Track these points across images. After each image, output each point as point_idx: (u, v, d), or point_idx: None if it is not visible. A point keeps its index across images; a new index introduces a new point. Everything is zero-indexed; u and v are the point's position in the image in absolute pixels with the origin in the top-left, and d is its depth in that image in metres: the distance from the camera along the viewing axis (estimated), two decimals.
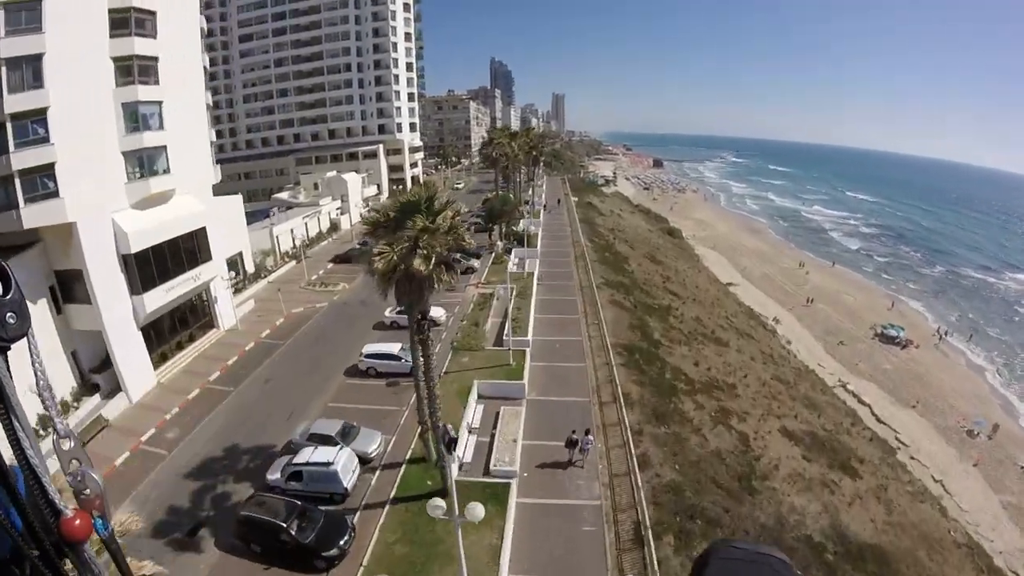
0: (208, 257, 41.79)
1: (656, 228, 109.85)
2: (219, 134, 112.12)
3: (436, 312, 40.80)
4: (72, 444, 1.41)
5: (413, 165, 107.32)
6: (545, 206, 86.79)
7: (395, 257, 18.76)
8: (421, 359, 22.23)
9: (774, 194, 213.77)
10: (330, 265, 62.20)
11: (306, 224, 71.22)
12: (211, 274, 42.03)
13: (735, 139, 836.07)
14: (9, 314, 1.22)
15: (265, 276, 56.96)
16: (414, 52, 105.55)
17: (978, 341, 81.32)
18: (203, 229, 41.26)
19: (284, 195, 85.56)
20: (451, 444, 19.82)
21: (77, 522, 1.32)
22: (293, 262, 62.78)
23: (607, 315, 44.46)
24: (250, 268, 56.34)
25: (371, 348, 34.71)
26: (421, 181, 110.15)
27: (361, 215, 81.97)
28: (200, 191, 42.70)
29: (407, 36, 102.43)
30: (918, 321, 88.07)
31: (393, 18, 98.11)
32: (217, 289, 43.32)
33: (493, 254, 58.98)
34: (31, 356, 1.33)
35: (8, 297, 1.23)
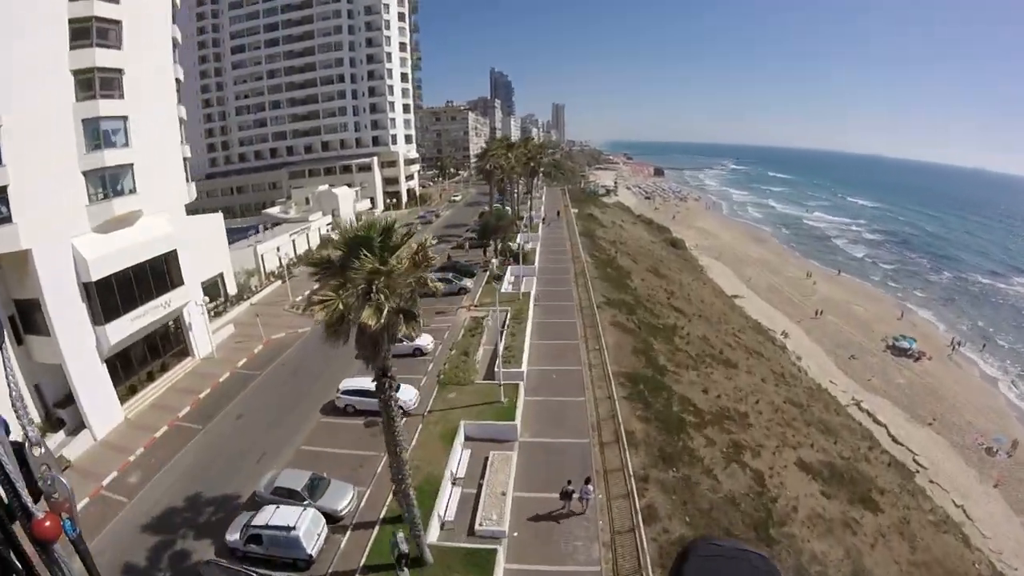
0: (180, 282, 39.03)
1: (659, 239, 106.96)
2: (211, 147, 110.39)
3: (423, 341, 37.98)
4: (42, 451, 1.50)
5: (409, 178, 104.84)
6: (544, 219, 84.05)
7: (340, 305, 15.52)
8: (386, 425, 18.92)
9: (776, 201, 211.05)
10: (316, 285, 59.24)
11: (293, 241, 68.45)
12: (183, 300, 39.27)
13: (735, 147, 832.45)
14: None
15: (248, 298, 54.10)
16: (410, 63, 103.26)
17: (991, 351, 78.50)
18: (174, 252, 38.56)
19: (275, 210, 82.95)
20: (401, 559, 17.97)
21: (47, 523, 1.40)
22: (279, 282, 59.98)
23: (609, 339, 41.51)
24: (232, 290, 53.47)
25: (349, 383, 31.71)
26: (417, 194, 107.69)
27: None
28: (172, 211, 39.99)
29: (402, 46, 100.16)
30: (929, 331, 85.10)
31: (387, 28, 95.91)
32: (192, 315, 40.52)
33: (488, 272, 56.02)
34: (3, 367, 1.43)
35: None
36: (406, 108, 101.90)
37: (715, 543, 1.95)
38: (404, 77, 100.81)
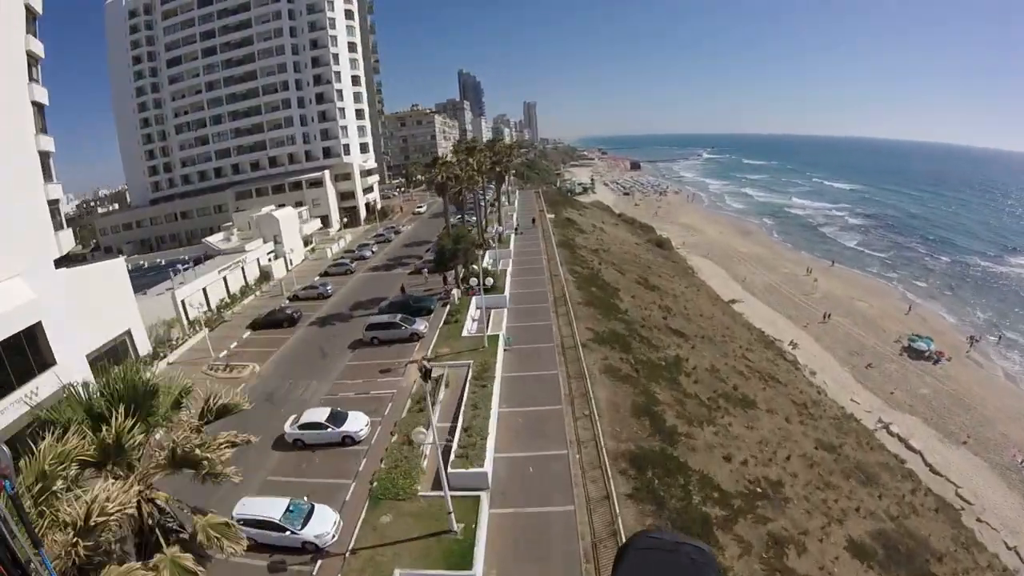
0: (50, 361, 29.07)
1: (644, 240, 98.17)
2: (153, 170, 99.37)
3: (355, 424, 28.26)
4: None
5: (368, 190, 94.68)
6: (517, 229, 74.52)
7: None
8: None
9: (754, 189, 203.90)
10: (247, 334, 49.31)
11: (224, 279, 58.22)
12: (57, 385, 29.20)
13: (708, 136, 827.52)
14: None
15: (165, 356, 43.91)
16: (361, 64, 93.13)
17: (1008, 344, 71.83)
18: (38, 325, 28.57)
19: (216, 238, 72.47)
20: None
21: None
22: (206, 331, 50.02)
23: (601, 394, 32.20)
24: (145, 348, 43.12)
25: (245, 509, 21.84)
26: (378, 207, 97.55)
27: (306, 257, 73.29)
28: (34, 271, 29.84)
29: (351, 46, 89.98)
30: (940, 325, 77.86)
31: (332, 27, 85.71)
32: None
33: (448, 307, 46.41)
34: None
35: None
36: (360, 114, 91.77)
37: (653, 536, 1.85)
38: (356, 80, 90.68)
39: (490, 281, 42.42)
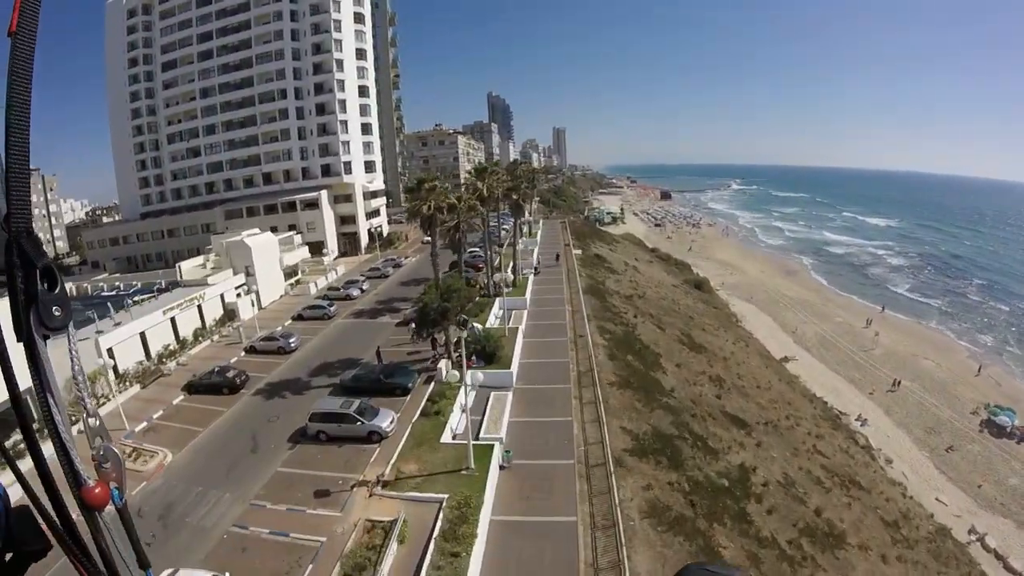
0: None
1: (680, 281, 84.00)
2: (144, 182, 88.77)
3: None
4: (97, 423, 1.53)
5: (373, 214, 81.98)
6: (537, 268, 61.07)
7: None
8: None
9: (788, 224, 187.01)
10: (179, 398, 36.73)
11: (173, 320, 45.90)
12: None
13: (735, 166, 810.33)
14: (55, 307, 1.35)
15: (75, 422, 31.01)
16: (371, 74, 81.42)
17: None
18: None
19: (192, 264, 60.43)
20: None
21: (97, 491, 1.42)
22: (136, 387, 37.74)
23: (643, 565, 18.58)
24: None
25: None
26: (384, 234, 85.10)
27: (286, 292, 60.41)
28: None
29: (360, 53, 78.27)
30: (1015, 390, 63.18)
31: (338, 29, 74.06)
32: None
33: (433, 383, 33.16)
34: (68, 345, 1.45)
35: (56, 293, 1.36)
36: (366, 129, 79.62)
37: (707, 568, 1.82)
38: (363, 91, 78.81)
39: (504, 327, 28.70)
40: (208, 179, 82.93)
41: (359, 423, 28.11)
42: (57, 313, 1.35)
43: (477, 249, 65.09)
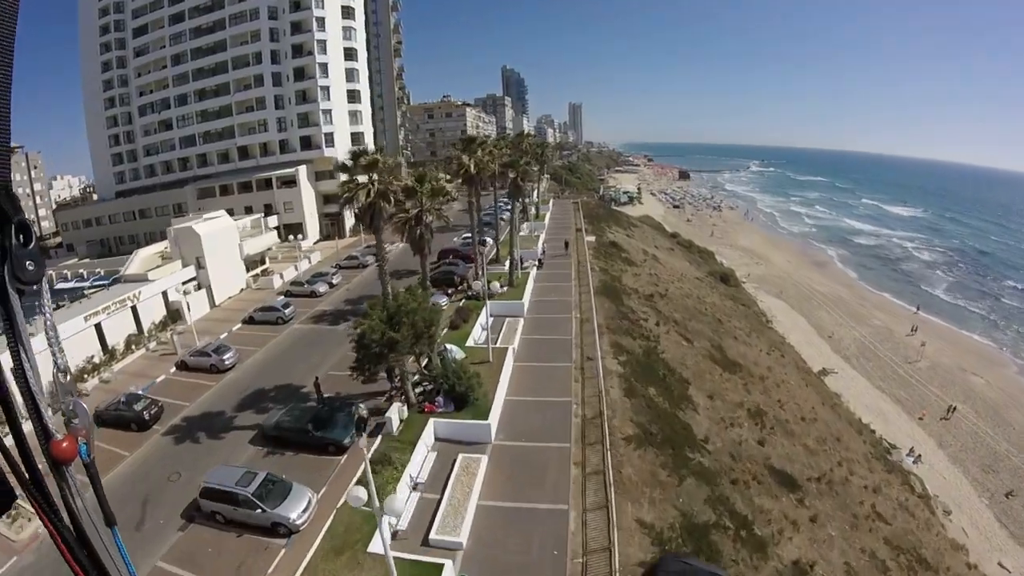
0: None
1: (705, 273, 73.14)
2: (118, 158, 79.23)
3: None
4: (68, 378, 1.51)
5: None
6: (541, 259, 50.54)
7: None
8: None
9: (810, 209, 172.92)
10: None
11: (98, 327, 36.55)
12: None
13: (754, 148, 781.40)
14: (28, 262, 1.34)
15: None
16: (360, 36, 70.18)
17: None
18: None
19: (151, 252, 51.21)
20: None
21: (65, 444, 1.41)
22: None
23: None
24: None
25: None
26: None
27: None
28: None
29: (346, 11, 67.05)
30: None
31: None
32: None
33: (379, 440, 23.40)
34: (41, 299, 1.47)
35: (29, 248, 1.35)
36: (353, 96, 68.53)
37: (682, 560, 1.59)
38: (350, 54, 67.72)
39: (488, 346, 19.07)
40: (181, 154, 73.06)
41: (259, 510, 18.53)
42: (31, 267, 1.33)
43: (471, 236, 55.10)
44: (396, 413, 24.37)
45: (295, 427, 24.00)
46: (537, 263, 48.96)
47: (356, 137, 68.25)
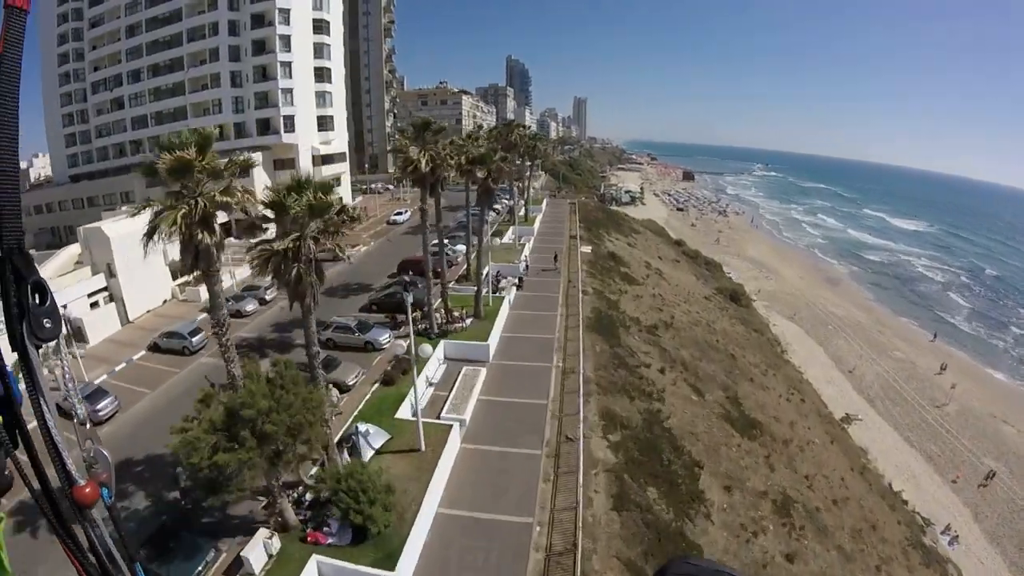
0: None
1: (714, 291, 63.94)
2: (71, 139, 70.10)
3: None
4: (88, 426, 1.57)
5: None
6: (521, 279, 41.10)
7: None
8: None
9: (817, 218, 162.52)
10: None
11: None
12: None
13: (758, 151, 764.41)
14: (45, 319, 1.36)
15: None
16: (333, 6, 60.47)
17: None
18: None
19: (69, 255, 42.30)
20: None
21: (87, 489, 1.45)
22: None
23: None
24: None
25: None
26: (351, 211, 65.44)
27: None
28: None
29: None
30: None
31: None
32: None
33: None
34: (60, 354, 1.52)
35: (46, 306, 1.37)
36: (321, 75, 58.92)
37: (691, 562, 1.68)
38: (320, 27, 57.98)
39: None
40: (133, 136, 63.81)
41: None
42: (47, 324, 1.37)
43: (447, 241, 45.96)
44: (260, 546, 15.37)
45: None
46: (517, 282, 39.73)
47: (324, 121, 58.85)
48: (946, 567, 31.93)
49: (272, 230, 18.62)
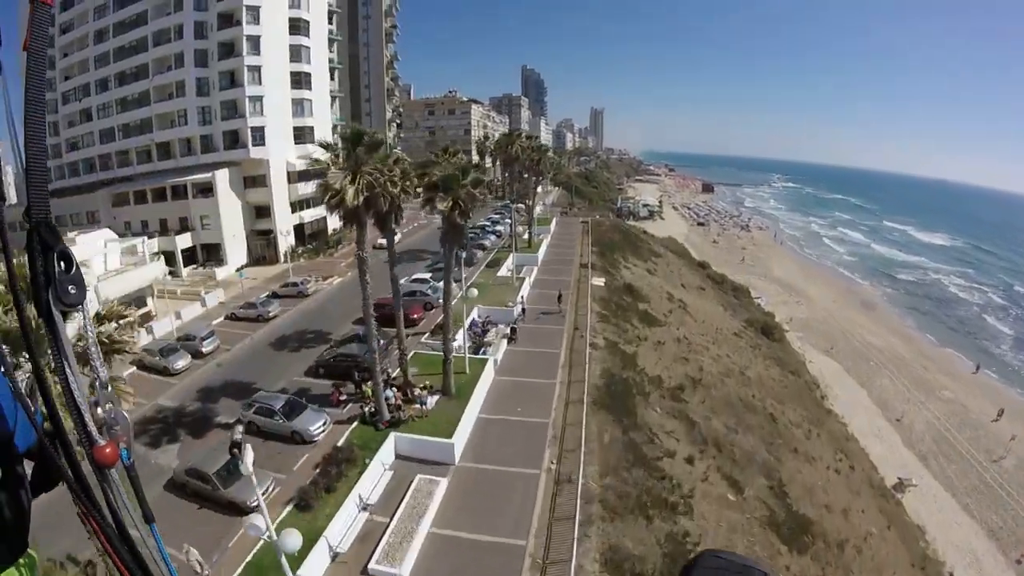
0: None
1: (744, 324, 54.68)
2: None
3: None
4: (109, 389, 1.57)
5: (305, 204, 53.24)
6: (514, 328, 32.12)
7: None
8: None
9: (839, 232, 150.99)
10: None
11: None
12: None
13: (775, 161, 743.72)
14: (71, 286, 1.39)
15: None
16: (313, 4, 52.67)
17: None
18: None
19: None
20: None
21: (107, 450, 1.47)
22: None
23: None
24: None
25: None
26: (328, 234, 57.07)
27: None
28: None
29: None
30: None
31: None
32: None
33: None
34: (84, 320, 1.53)
35: (71, 274, 1.40)
36: (300, 81, 50.85)
37: (720, 556, 1.63)
38: (297, 27, 50.40)
39: None
40: (102, 150, 56.77)
41: None
42: (72, 291, 1.40)
43: (427, 276, 37.76)
44: None
45: None
46: (509, 332, 31.03)
47: (302, 133, 50.94)
48: None
49: None
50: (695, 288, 59.97)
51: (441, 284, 38.26)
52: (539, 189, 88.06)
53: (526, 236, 52.04)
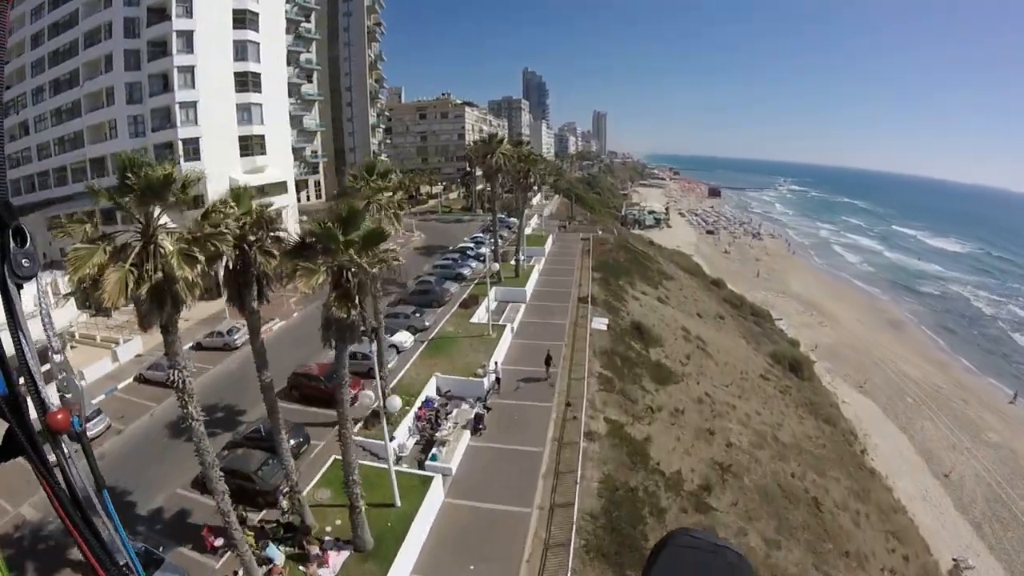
0: None
1: (769, 359, 45.89)
2: None
3: None
4: (61, 359, 1.61)
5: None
6: (480, 416, 23.16)
7: None
8: None
9: (852, 239, 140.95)
10: None
11: None
12: None
13: (782, 163, 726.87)
14: (24, 260, 1.42)
15: None
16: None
17: None
18: None
19: None
20: None
21: (59, 416, 1.49)
22: None
23: None
24: None
25: None
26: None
27: None
28: None
29: None
30: None
31: None
32: None
33: None
34: (37, 292, 1.59)
35: (25, 248, 1.44)
36: (246, 83, 42.49)
37: (693, 535, 1.61)
38: (242, 19, 41.56)
39: None
40: (40, 167, 48.95)
41: None
42: (26, 264, 1.43)
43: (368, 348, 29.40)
44: None
45: None
46: (473, 421, 22.43)
47: (249, 143, 42.62)
48: None
49: None
50: (713, 318, 51.05)
51: (394, 336, 30.02)
52: (535, 200, 79.11)
53: (513, 262, 43.21)
